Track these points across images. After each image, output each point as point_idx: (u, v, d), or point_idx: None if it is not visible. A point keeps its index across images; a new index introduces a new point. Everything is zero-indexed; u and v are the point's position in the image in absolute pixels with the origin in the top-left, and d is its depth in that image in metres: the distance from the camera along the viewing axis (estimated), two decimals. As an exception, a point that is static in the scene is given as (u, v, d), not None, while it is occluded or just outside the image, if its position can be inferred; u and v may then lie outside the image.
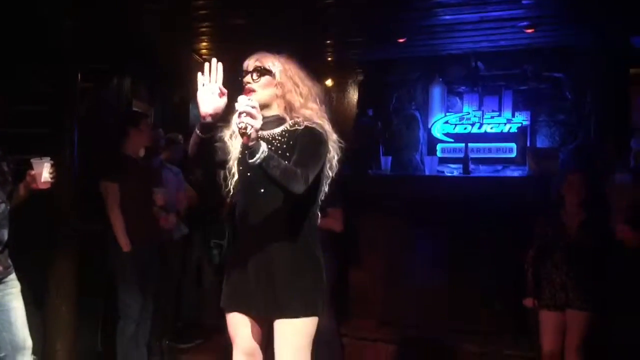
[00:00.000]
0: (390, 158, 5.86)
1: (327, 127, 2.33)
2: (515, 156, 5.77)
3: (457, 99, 6.13)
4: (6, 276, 2.88)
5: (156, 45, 5.35)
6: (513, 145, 5.77)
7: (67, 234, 3.66)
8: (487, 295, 4.82)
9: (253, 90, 2.31)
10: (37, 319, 3.36)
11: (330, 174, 2.36)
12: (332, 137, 2.34)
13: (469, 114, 5.99)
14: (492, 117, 5.90)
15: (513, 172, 5.75)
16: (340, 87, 7.39)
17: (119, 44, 4.82)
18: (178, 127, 5.42)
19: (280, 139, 2.29)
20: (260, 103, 2.24)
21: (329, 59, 6.45)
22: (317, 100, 2.39)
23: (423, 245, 5.15)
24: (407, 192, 5.25)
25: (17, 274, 2.96)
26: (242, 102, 2.04)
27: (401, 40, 5.28)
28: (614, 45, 5.19)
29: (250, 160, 2.03)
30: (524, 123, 5.78)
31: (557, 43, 5.47)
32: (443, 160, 5.97)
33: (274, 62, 2.36)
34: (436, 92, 6.03)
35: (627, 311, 3.68)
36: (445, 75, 6.05)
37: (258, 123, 2.02)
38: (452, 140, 5.96)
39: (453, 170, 5.91)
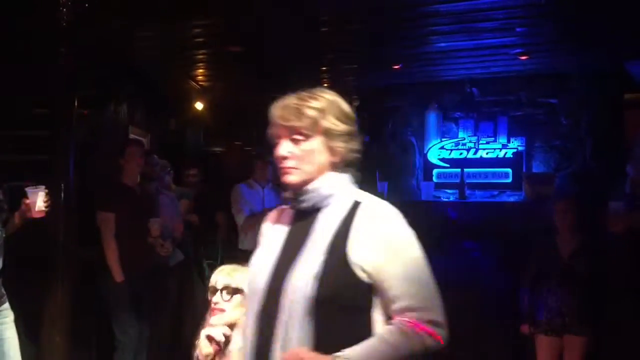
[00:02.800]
0: (386, 183, 5.86)
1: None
2: (511, 181, 5.78)
3: (453, 124, 6.16)
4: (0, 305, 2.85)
5: (153, 71, 5.38)
6: (509, 170, 5.78)
7: (61, 263, 3.63)
8: (485, 321, 4.79)
9: (222, 310, 2.09)
10: (30, 349, 3.31)
11: None
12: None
13: (464, 139, 6.01)
14: (487, 143, 5.92)
15: (509, 198, 5.76)
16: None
17: (115, 70, 4.84)
18: (174, 153, 5.43)
19: None
20: (228, 323, 2.07)
21: (325, 85, 6.50)
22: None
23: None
24: (404, 217, 5.23)
25: (10, 303, 2.93)
26: None
27: (396, 67, 5.32)
28: (608, 71, 5.24)
29: None
30: (520, 148, 5.80)
31: (551, 69, 5.52)
32: (439, 186, 5.97)
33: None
34: (432, 118, 6.05)
35: (624, 335, 3.65)
36: (441, 101, 6.08)
37: None
38: (448, 165, 5.97)
39: (449, 196, 5.91)
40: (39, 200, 2.83)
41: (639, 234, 3.21)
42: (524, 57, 4.96)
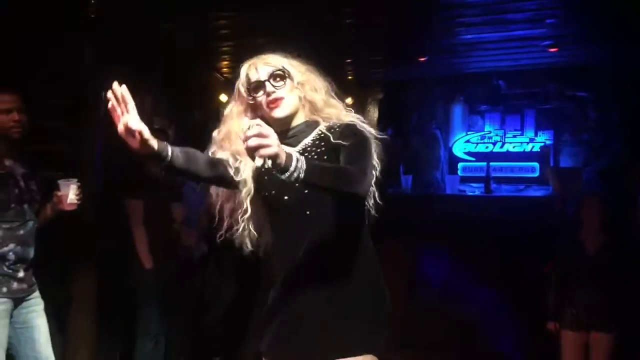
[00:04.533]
0: (410, 177, 5.83)
1: (360, 120, 2.04)
2: (538, 176, 5.71)
3: (479, 117, 6.10)
4: (30, 294, 2.89)
5: (178, 62, 5.40)
6: (536, 164, 5.71)
7: (88, 251, 3.67)
8: (509, 316, 4.76)
9: (282, 98, 1.98)
10: (58, 335, 3.36)
11: (375, 174, 2.03)
12: (370, 130, 2.03)
13: (490, 132, 5.96)
14: (514, 136, 5.86)
15: (536, 192, 5.69)
16: (360, 106, 7.38)
17: (141, 60, 4.86)
18: (198, 144, 5.44)
19: (314, 149, 1.98)
20: (290, 112, 2.00)
21: (349, 77, 6.46)
22: (334, 93, 2.10)
23: (443, 264, 5.11)
24: (428, 211, 5.21)
25: (40, 291, 2.97)
26: (249, 129, 1.58)
27: (422, 59, 5.27)
28: (639, 64, 5.14)
29: (289, 180, 1.63)
30: (547, 142, 5.73)
31: (580, 62, 5.43)
32: (464, 179, 5.93)
33: (283, 61, 2.04)
34: (457, 111, 6.01)
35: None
36: (467, 94, 6.03)
37: (273, 141, 1.57)
38: (473, 159, 5.92)
39: (474, 190, 5.86)
40: (71, 193, 2.85)
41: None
42: (553, 50, 4.88)
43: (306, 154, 1.95)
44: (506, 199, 5.54)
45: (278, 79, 1.98)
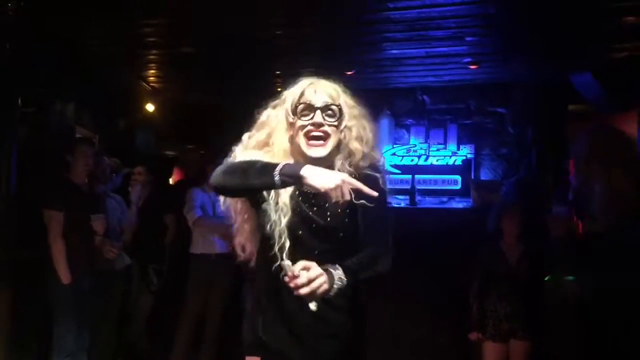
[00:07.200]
0: (338, 189, 5.86)
1: (384, 180, 1.97)
2: (460, 188, 5.88)
3: (404, 131, 6.23)
4: None
5: (102, 71, 5.25)
6: (458, 177, 5.88)
7: (2, 265, 3.50)
8: (433, 326, 4.84)
9: (328, 136, 1.83)
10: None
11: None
12: (385, 180, 1.96)
13: (415, 146, 6.09)
14: (437, 150, 6.01)
15: (458, 204, 5.85)
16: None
17: (63, 68, 4.71)
18: (123, 155, 5.32)
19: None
20: (326, 155, 1.85)
21: (279, 89, 6.46)
22: (378, 147, 2.01)
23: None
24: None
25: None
26: (298, 277, 1.64)
27: (349, 73, 5.34)
28: (554, 83, 5.38)
29: (332, 294, 1.72)
30: (469, 156, 5.91)
31: (500, 79, 5.64)
32: (390, 192, 6.00)
33: (341, 96, 1.92)
34: (384, 125, 6.10)
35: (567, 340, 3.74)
36: (393, 108, 6.14)
37: (324, 279, 1.67)
38: (399, 171, 6.03)
39: (400, 202, 5.97)
40: None
41: (581, 240, 3.29)
42: (473, 67, 5.05)
43: (320, 199, 1.88)
44: (430, 211, 5.67)
45: (331, 113, 1.84)
